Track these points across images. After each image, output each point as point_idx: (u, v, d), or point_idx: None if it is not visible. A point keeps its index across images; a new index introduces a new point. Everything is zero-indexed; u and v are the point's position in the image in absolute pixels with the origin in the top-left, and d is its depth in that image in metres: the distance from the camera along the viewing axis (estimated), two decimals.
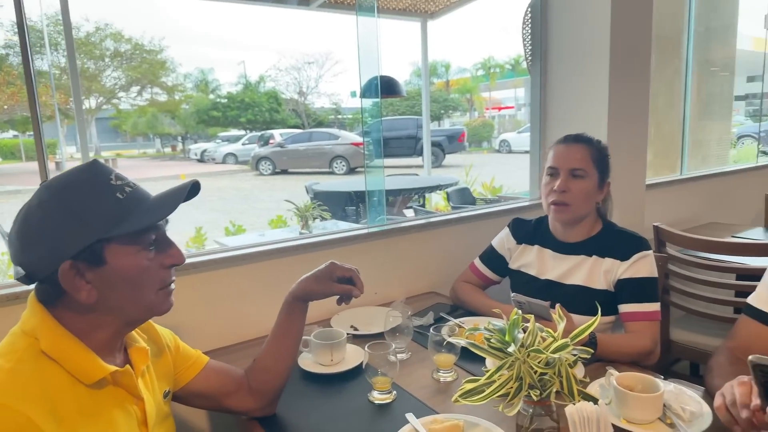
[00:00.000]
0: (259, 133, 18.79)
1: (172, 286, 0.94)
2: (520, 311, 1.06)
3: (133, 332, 0.98)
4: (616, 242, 1.56)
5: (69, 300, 0.83)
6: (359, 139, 15.03)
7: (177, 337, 1.15)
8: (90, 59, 18.39)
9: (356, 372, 1.38)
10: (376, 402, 1.23)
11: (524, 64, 2.45)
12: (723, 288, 2.10)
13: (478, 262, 1.84)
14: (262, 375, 1.17)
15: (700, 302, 2.14)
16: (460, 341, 1.13)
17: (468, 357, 1.36)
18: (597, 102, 2.22)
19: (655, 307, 1.48)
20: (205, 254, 1.63)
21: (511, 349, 0.97)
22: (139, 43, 19.55)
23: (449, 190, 5.22)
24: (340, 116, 25.37)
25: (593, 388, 1.20)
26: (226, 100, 22.82)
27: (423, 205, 5.94)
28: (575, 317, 1.48)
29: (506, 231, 1.81)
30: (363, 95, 2.10)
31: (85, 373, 0.83)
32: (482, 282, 1.82)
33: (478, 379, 1.02)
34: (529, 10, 2.36)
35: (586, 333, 1.01)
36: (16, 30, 1.48)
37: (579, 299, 1.54)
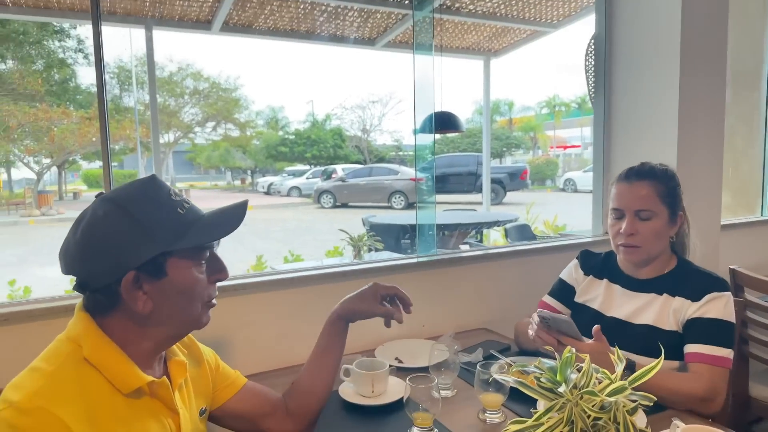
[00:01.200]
0: (322, 168, 19.35)
1: (215, 301, 0.95)
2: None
3: (174, 346, 0.99)
4: (689, 281, 1.44)
5: (121, 310, 0.85)
6: (418, 175, 15.11)
7: (218, 356, 1.15)
8: (171, 96, 19.81)
9: (398, 406, 1.32)
10: None
11: (589, 103, 2.38)
12: None
13: (546, 298, 1.74)
14: (300, 396, 1.15)
15: None
16: (508, 379, 1.05)
17: (517, 398, 1.27)
18: (665, 137, 2.10)
19: (725, 352, 1.33)
20: (252, 277, 1.65)
21: (561, 389, 0.90)
22: (216, 82, 20.89)
23: (508, 226, 5.09)
24: (401, 152, 25.71)
25: None
26: (293, 137, 23.78)
27: (480, 241, 5.82)
28: (646, 360, 1.36)
29: (574, 262, 1.72)
30: (419, 131, 2.10)
31: (123, 381, 0.84)
32: None
33: (525, 421, 0.95)
34: (593, 42, 2.30)
35: (649, 375, 0.92)
36: (114, 71, 1.59)
37: (648, 340, 1.42)
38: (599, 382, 0.95)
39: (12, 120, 15.96)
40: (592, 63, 2.31)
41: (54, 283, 6.05)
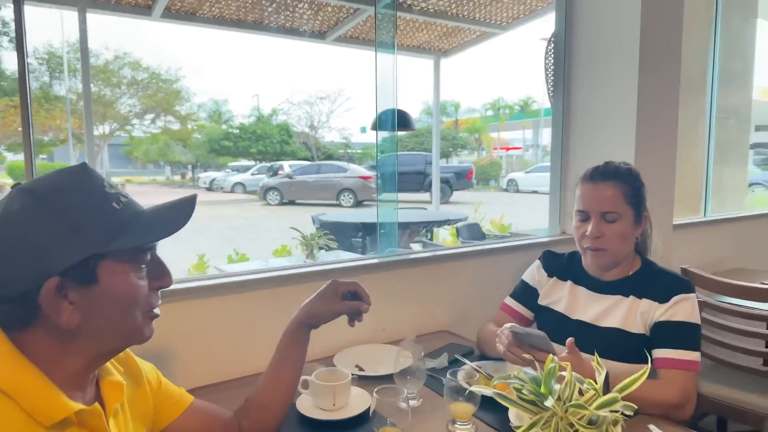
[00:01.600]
0: (268, 164, 18.93)
1: (158, 311, 0.82)
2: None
3: (107, 364, 0.84)
4: (655, 282, 1.42)
5: (41, 324, 0.70)
6: (367, 173, 15.06)
7: (159, 373, 1.01)
8: (107, 86, 18.74)
9: (362, 419, 1.22)
10: None
11: (534, 106, 2.37)
12: (753, 337, 1.95)
13: (509, 300, 1.70)
14: (255, 413, 1.03)
15: (729, 352, 1.99)
16: (485, 391, 0.98)
17: (488, 407, 1.21)
18: (623, 136, 2.11)
19: (693, 356, 1.32)
20: (200, 280, 1.50)
21: (548, 402, 0.83)
22: (156, 72, 19.95)
23: (459, 225, 5.10)
24: (349, 150, 25.58)
25: None
26: (238, 131, 23.13)
27: (431, 240, 5.81)
28: (613, 364, 1.34)
29: (537, 263, 1.68)
30: (379, 128, 2.01)
31: (44, 412, 0.69)
32: (516, 321, 1.65)
33: None
34: (552, 39, 2.29)
35: (636, 384, 0.87)
36: (43, 56, 1.43)
37: (615, 344, 1.39)
38: (581, 394, 0.89)
39: None
40: (551, 62, 2.30)
41: None
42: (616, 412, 0.86)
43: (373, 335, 1.75)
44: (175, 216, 0.78)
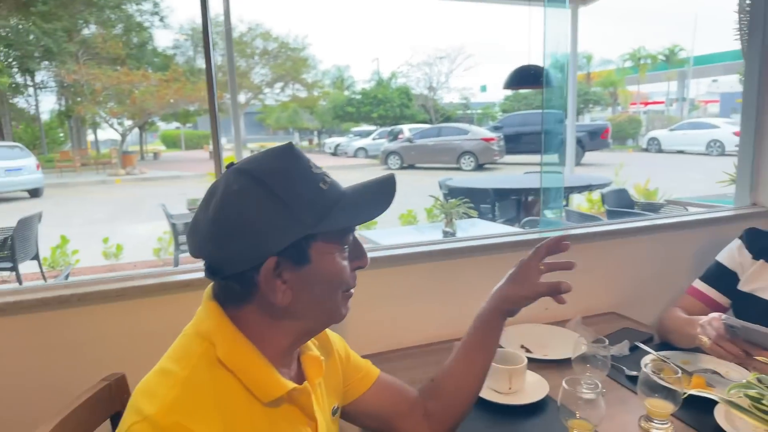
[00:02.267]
0: (388, 129, 19.12)
1: (352, 291, 0.81)
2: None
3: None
4: None
5: (256, 302, 0.72)
6: (489, 134, 14.55)
7: (346, 344, 1.02)
8: (242, 57, 20.05)
9: (539, 407, 1.16)
10: None
11: (681, 54, 2.02)
12: None
13: (699, 284, 1.50)
14: (442, 399, 0.99)
15: None
16: (712, 396, 0.85)
17: (687, 405, 1.07)
18: None
19: None
20: (374, 251, 1.51)
21: None
22: (284, 42, 20.92)
23: (604, 191, 4.70)
24: (469, 111, 24.93)
25: None
26: (359, 96, 23.60)
27: (566, 206, 5.45)
28: None
29: (738, 243, 1.46)
30: (544, 83, 1.84)
31: (263, 389, 0.72)
32: (707, 308, 1.46)
33: None
34: None
35: None
36: (188, 33, 1.50)
37: None
38: None
39: (97, 83, 16.79)
40: (747, 1, 1.93)
41: (141, 241, 6.35)
42: None
43: (535, 314, 1.64)
44: (379, 198, 0.76)
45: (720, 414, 1.06)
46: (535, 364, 1.34)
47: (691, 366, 1.28)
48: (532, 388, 1.20)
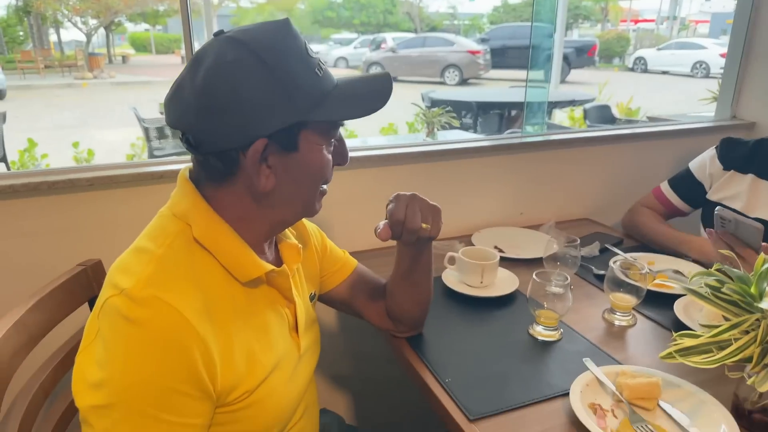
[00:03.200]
0: (371, 37, 18.31)
1: (326, 187, 0.80)
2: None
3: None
4: None
5: (236, 183, 0.70)
6: (476, 46, 14.06)
7: (324, 235, 1.02)
8: None
9: (509, 299, 1.21)
10: (540, 338, 1.06)
11: None
12: None
13: (665, 187, 1.54)
14: (392, 305, 1.00)
15: None
16: (675, 285, 0.89)
17: (646, 300, 1.13)
18: None
19: None
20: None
21: (765, 305, 0.73)
22: None
23: (587, 106, 4.67)
24: (456, 21, 23.91)
25: None
26: (341, 0, 22.27)
27: (550, 121, 5.43)
28: None
29: (711, 152, 1.48)
30: None
31: (242, 270, 0.72)
32: (666, 211, 1.54)
33: (699, 335, 0.80)
34: None
35: None
36: None
37: None
38: None
39: None
40: None
41: (114, 148, 6.15)
42: None
43: (510, 218, 1.69)
44: (375, 93, 0.73)
45: (679, 308, 1.12)
46: (507, 262, 1.38)
47: (656, 266, 1.34)
48: (503, 282, 1.25)
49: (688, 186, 1.50)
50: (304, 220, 0.96)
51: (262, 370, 0.72)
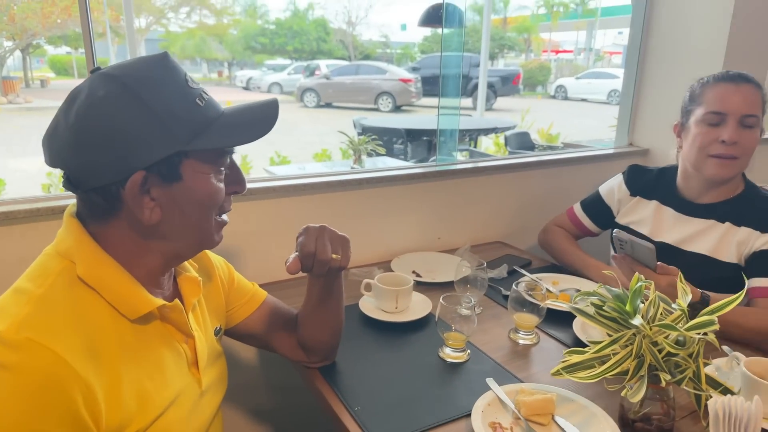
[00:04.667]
0: (305, 63, 18.41)
1: (226, 217, 0.80)
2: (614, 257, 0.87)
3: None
4: (758, 209, 1.29)
5: (121, 218, 0.70)
6: (408, 75, 14.46)
7: (232, 268, 1.02)
8: None
9: (423, 323, 1.24)
10: (448, 360, 1.09)
11: (591, 4, 2.12)
12: None
13: (577, 208, 1.62)
14: (305, 333, 1.01)
15: None
16: (562, 305, 0.95)
17: (549, 319, 1.20)
18: (712, 43, 1.89)
19: None
20: (260, 181, 1.49)
21: (637, 321, 0.79)
22: None
23: (507, 133, 4.91)
24: (388, 50, 24.53)
25: (709, 371, 1.01)
26: (273, 27, 22.34)
27: (475, 148, 5.65)
28: (758, 310, 1.24)
29: (619, 179, 1.56)
30: (436, 22, 1.83)
31: (129, 306, 0.70)
32: (578, 231, 1.61)
33: (585, 352, 0.85)
34: None
35: (729, 308, 0.82)
36: None
37: (700, 271, 1.28)
38: (668, 314, 0.86)
39: None
40: None
41: (29, 176, 5.78)
42: (704, 335, 0.83)
43: (428, 243, 1.74)
44: (259, 120, 0.74)
45: (577, 326, 1.20)
46: (423, 286, 1.42)
47: (560, 286, 1.42)
48: (417, 306, 1.28)
49: (598, 209, 1.59)
50: (209, 252, 0.96)
51: (155, 407, 0.70)
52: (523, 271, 1.50)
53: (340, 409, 0.94)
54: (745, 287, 0.91)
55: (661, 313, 0.85)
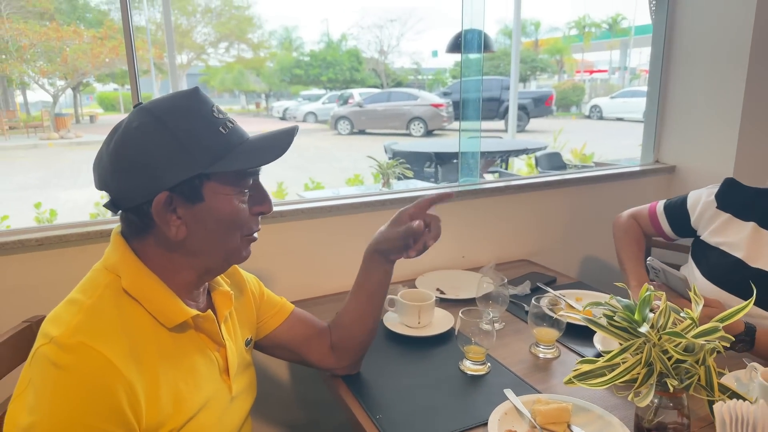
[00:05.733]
0: (338, 93, 18.86)
1: (256, 235, 0.87)
2: (651, 285, 0.90)
3: (218, 276, 0.92)
4: None
5: (155, 235, 0.78)
6: (439, 100, 14.64)
7: (262, 284, 1.09)
8: (183, 15, 19.08)
9: (444, 338, 1.28)
10: (468, 372, 1.13)
11: (623, 23, 2.16)
12: None
13: (659, 206, 1.54)
14: (342, 331, 1.09)
15: None
16: (573, 316, 0.98)
17: (571, 334, 1.22)
18: (734, 61, 1.89)
19: None
20: (290, 204, 1.57)
21: (643, 329, 0.82)
22: None
23: (538, 154, 4.92)
24: (420, 76, 24.88)
25: (727, 381, 1.02)
26: (308, 58, 23.04)
27: (506, 170, 5.67)
28: None
29: (711, 188, 1.45)
30: (462, 49, 1.90)
31: (167, 316, 0.78)
32: (652, 229, 1.54)
33: (596, 361, 0.88)
34: None
35: (737, 317, 0.84)
36: None
37: None
38: (677, 323, 0.87)
39: (23, 39, 15.61)
40: None
41: (78, 206, 6.12)
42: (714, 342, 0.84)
43: (453, 261, 1.78)
44: (276, 144, 0.80)
45: (598, 339, 1.21)
46: (447, 303, 1.46)
47: (584, 302, 1.44)
48: (440, 322, 1.32)
49: (677, 212, 1.49)
50: (240, 269, 1.03)
51: (189, 409, 0.77)
52: (546, 288, 1.52)
53: (363, 417, 0.99)
54: (754, 295, 0.91)
55: (673, 323, 0.87)
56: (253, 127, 0.86)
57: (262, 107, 24.49)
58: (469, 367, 1.13)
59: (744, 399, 0.79)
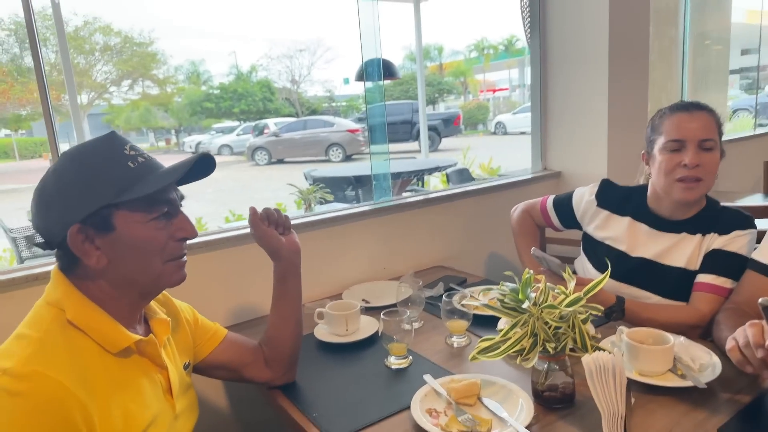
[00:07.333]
0: (253, 123, 18.71)
1: (184, 258, 0.94)
2: (541, 271, 1.08)
3: (152, 305, 1.00)
4: (720, 218, 1.40)
5: (83, 267, 0.85)
6: (355, 126, 14.98)
7: (195, 311, 1.17)
8: (80, 54, 18.21)
9: (371, 341, 1.41)
10: (393, 367, 1.26)
11: (518, 44, 2.47)
12: None
13: (549, 201, 1.73)
14: (271, 343, 1.19)
15: None
16: (475, 303, 1.15)
17: (479, 323, 1.39)
18: (597, 73, 2.23)
19: (728, 283, 1.32)
20: (216, 233, 1.65)
21: (525, 305, 1.00)
22: (128, 36, 19.33)
23: (448, 171, 5.24)
24: (334, 104, 25.25)
25: (604, 345, 1.22)
26: (218, 91, 22.68)
27: (422, 187, 5.96)
28: (679, 304, 1.39)
29: (591, 188, 1.64)
30: (365, 78, 2.09)
31: (111, 342, 0.85)
32: (543, 221, 1.75)
33: (493, 338, 1.05)
34: None
35: (597, 288, 1.03)
36: (10, 28, 1.48)
37: (680, 284, 1.39)
38: (555, 298, 1.06)
39: None
40: (527, 2, 2.37)
41: None
42: (586, 311, 1.03)
43: (376, 273, 1.93)
44: (179, 168, 0.87)
45: (502, 324, 1.39)
46: (372, 310, 1.60)
47: (490, 295, 1.62)
48: (366, 327, 1.45)
49: (563, 208, 1.69)
50: (174, 300, 1.11)
51: (138, 426, 0.84)
52: (457, 287, 1.70)
53: (301, 418, 1.09)
54: (608, 268, 1.11)
55: (552, 298, 1.06)
56: (166, 164, 0.93)
57: (173, 143, 23.67)
58: (393, 362, 1.27)
59: (604, 351, 0.98)
